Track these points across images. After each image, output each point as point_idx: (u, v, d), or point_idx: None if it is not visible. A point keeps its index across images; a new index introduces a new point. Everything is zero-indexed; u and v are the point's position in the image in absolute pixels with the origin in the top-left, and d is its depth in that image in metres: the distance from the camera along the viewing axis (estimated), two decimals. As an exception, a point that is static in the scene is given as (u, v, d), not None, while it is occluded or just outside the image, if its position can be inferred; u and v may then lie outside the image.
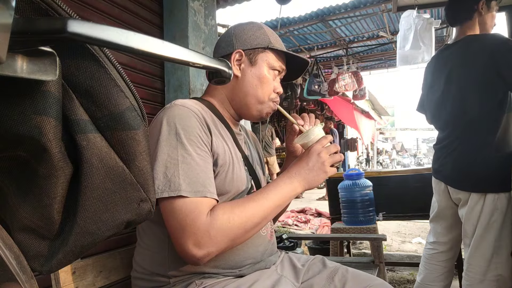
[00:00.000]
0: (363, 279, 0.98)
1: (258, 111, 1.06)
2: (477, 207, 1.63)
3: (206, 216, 0.81)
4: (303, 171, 0.92)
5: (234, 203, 0.87)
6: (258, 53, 1.04)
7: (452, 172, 1.73)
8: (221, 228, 0.81)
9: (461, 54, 1.71)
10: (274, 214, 0.91)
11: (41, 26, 0.34)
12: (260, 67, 1.04)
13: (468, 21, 1.74)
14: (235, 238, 0.84)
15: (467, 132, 1.67)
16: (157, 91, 2.36)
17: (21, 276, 0.39)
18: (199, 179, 0.84)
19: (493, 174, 1.61)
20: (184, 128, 0.87)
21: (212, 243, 0.81)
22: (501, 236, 1.61)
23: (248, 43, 1.04)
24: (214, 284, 0.89)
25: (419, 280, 1.97)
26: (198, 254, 0.80)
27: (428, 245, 1.98)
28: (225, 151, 0.94)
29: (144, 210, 0.50)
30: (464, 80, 1.68)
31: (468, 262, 1.69)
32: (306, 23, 5.42)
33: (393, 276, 3.24)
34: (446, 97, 1.75)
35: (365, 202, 2.76)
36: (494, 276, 1.61)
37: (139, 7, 2.24)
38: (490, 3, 1.72)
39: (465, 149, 1.66)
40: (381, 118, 17.04)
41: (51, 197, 0.44)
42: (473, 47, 1.67)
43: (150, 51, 0.40)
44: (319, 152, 0.93)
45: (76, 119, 0.44)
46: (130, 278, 0.99)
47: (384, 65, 8.15)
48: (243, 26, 1.08)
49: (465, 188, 1.68)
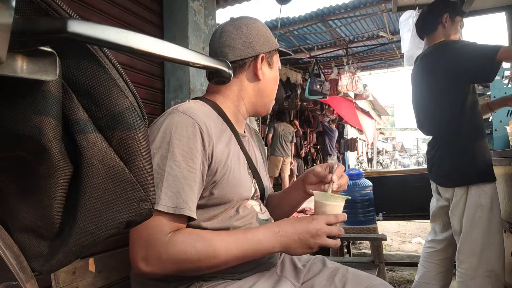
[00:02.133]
0: (363, 279, 0.97)
1: (267, 109, 1.11)
2: (461, 203, 1.70)
3: (166, 236, 0.79)
4: (291, 238, 0.85)
5: (201, 236, 0.83)
6: (273, 55, 1.07)
7: (438, 171, 1.84)
8: (173, 256, 0.79)
9: (427, 62, 1.88)
10: (237, 263, 0.86)
11: (41, 26, 0.34)
12: (275, 69, 1.08)
13: (433, 33, 1.88)
14: (186, 270, 0.82)
15: (444, 132, 1.80)
16: (157, 91, 2.36)
17: (21, 276, 0.39)
18: (182, 194, 0.81)
19: (473, 166, 1.70)
20: (179, 138, 0.84)
21: (160, 266, 0.79)
22: (489, 232, 1.64)
23: (267, 46, 1.04)
24: (214, 286, 0.88)
25: (417, 278, 2.01)
26: (143, 269, 0.79)
27: (426, 244, 2.04)
28: (227, 156, 0.92)
29: (144, 210, 0.50)
30: (431, 86, 1.84)
31: (459, 259, 1.73)
32: (306, 23, 5.43)
33: (393, 276, 3.24)
34: (424, 104, 1.92)
35: (365, 202, 2.76)
36: (486, 272, 1.64)
37: (139, 7, 2.24)
38: (455, 18, 1.85)
39: (445, 149, 1.78)
40: (381, 118, 17.05)
41: (51, 197, 0.44)
42: (435, 55, 1.82)
43: (150, 51, 0.40)
44: (318, 232, 0.85)
45: (76, 119, 0.44)
46: (130, 278, 0.99)
47: (384, 65, 8.15)
48: (255, 26, 1.04)
49: (448, 185, 1.78)
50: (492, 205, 1.65)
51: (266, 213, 1.04)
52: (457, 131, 1.74)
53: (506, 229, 2.00)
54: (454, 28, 1.86)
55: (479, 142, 1.73)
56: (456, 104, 1.73)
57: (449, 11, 1.84)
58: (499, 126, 2.42)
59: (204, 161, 0.87)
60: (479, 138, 1.74)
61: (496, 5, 2.55)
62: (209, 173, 0.88)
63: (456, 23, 1.86)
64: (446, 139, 1.78)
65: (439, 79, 1.79)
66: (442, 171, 1.80)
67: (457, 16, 1.86)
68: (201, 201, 0.89)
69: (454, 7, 1.89)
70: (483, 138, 1.76)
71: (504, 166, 1.95)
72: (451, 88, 1.74)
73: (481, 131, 1.76)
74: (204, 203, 0.89)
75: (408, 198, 2.92)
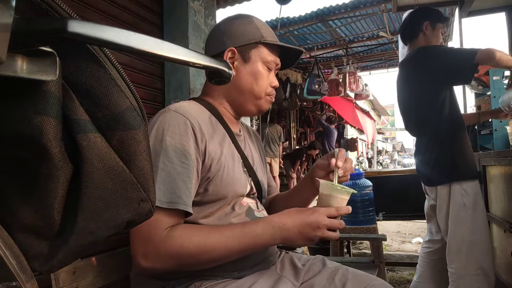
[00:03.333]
0: (363, 279, 0.97)
1: (256, 106, 1.04)
2: (445, 203, 1.74)
3: (163, 231, 0.80)
4: (291, 231, 0.85)
5: (198, 230, 0.84)
6: (251, 49, 1.01)
7: (423, 171, 1.89)
8: (171, 250, 0.80)
9: (408, 66, 1.95)
10: (237, 257, 0.86)
11: (41, 26, 0.34)
12: (254, 63, 1.01)
13: (415, 39, 1.95)
14: (185, 264, 0.82)
15: (426, 132, 1.85)
16: (157, 91, 2.36)
17: (21, 276, 0.39)
18: (175, 189, 0.82)
19: (453, 164, 1.74)
20: (171, 135, 0.85)
21: (159, 261, 0.80)
22: (474, 231, 1.67)
23: (240, 40, 1.01)
24: (213, 285, 0.88)
25: (416, 278, 2.03)
26: (144, 265, 0.80)
27: (423, 244, 2.07)
28: (221, 154, 0.93)
29: (144, 210, 0.50)
30: (413, 88, 1.90)
31: (448, 258, 1.76)
32: (306, 23, 5.43)
33: (393, 276, 3.24)
34: (406, 108, 1.99)
35: (365, 202, 2.76)
36: (474, 270, 1.66)
37: (139, 7, 2.24)
38: (436, 25, 1.91)
39: (428, 148, 1.83)
40: (381, 118, 17.05)
41: (51, 197, 0.44)
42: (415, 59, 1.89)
43: (150, 51, 0.40)
44: (319, 225, 0.84)
45: (76, 119, 0.44)
46: (130, 278, 0.99)
47: (384, 65, 8.15)
48: (233, 21, 1.04)
49: (432, 184, 1.83)
50: (475, 204, 1.68)
51: (263, 211, 1.04)
52: (437, 131, 1.78)
53: (506, 229, 2.00)
54: (435, 36, 1.91)
55: (459, 141, 1.77)
56: (435, 104, 1.77)
57: (429, 20, 1.89)
58: (499, 126, 2.42)
59: (198, 157, 0.88)
60: (459, 136, 1.78)
61: (496, 5, 2.55)
62: (203, 170, 0.89)
63: (437, 30, 1.91)
64: (428, 140, 1.83)
65: (420, 81, 1.84)
66: (426, 170, 1.85)
67: (438, 24, 1.90)
68: (196, 198, 0.90)
69: (435, 15, 1.93)
70: (463, 136, 1.79)
71: (504, 166, 1.95)
72: (431, 88, 1.79)
73: (461, 129, 1.80)
74: (199, 199, 0.90)
75: (408, 198, 2.92)
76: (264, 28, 1.03)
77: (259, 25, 1.03)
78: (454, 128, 1.78)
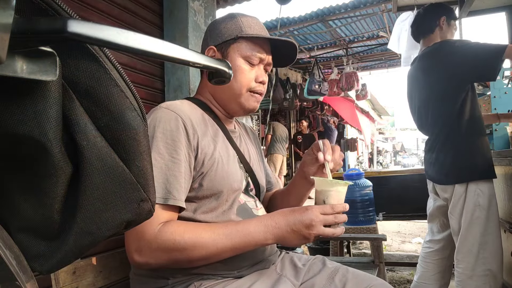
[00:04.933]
0: (363, 279, 0.97)
1: (239, 104, 1.02)
2: (460, 203, 1.71)
3: (156, 227, 0.81)
4: (284, 230, 0.84)
5: (191, 227, 0.84)
6: (229, 45, 1.00)
7: (437, 170, 1.84)
8: (163, 245, 0.81)
9: (425, 62, 1.89)
10: (229, 255, 0.85)
11: (41, 26, 0.34)
12: (232, 60, 0.99)
13: (430, 35, 1.91)
14: (176, 260, 0.82)
15: (444, 131, 1.80)
16: (157, 91, 2.36)
17: (21, 276, 0.39)
18: (166, 184, 0.83)
19: (472, 163, 1.71)
20: (162, 131, 0.86)
21: (152, 256, 0.81)
22: (486, 231, 1.65)
23: (219, 38, 1.01)
24: (213, 285, 0.89)
25: (416, 279, 2.02)
26: (138, 260, 0.82)
27: (424, 244, 2.06)
28: (214, 149, 0.93)
29: (144, 210, 0.50)
30: (430, 86, 1.84)
31: (457, 258, 1.74)
32: (306, 23, 5.42)
33: (393, 276, 3.24)
34: (422, 105, 1.92)
35: (365, 202, 2.76)
36: (482, 271, 1.65)
37: (139, 7, 2.24)
38: (450, 21, 1.90)
39: (445, 148, 1.78)
40: (381, 118, 17.05)
41: (51, 197, 0.44)
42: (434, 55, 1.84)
43: (150, 51, 0.40)
44: (311, 222, 0.82)
45: (76, 119, 0.44)
46: (130, 278, 0.99)
47: (384, 65, 8.15)
48: (217, 20, 1.06)
49: (448, 182, 1.78)
50: (490, 205, 1.66)
51: (261, 209, 1.04)
52: (458, 130, 1.74)
53: (506, 229, 2.00)
54: (450, 31, 1.89)
55: (479, 140, 1.74)
56: (456, 102, 1.73)
57: (446, 14, 1.88)
58: (499, 126, 2.42)
59: (190, 152, 0.88)
60: (479, 136, 1.75)
61: (496, 5, 2.55)
62: (196, 165, 0.90)
63: (451, 27, 1.90)
64: (446, 138, 1.78)
65: (439, 78, 1.79)
66: (442, 169, 1.80)
67: (452, 20, 1.90)
68: (192, 193, 0.90)
69: (450, 11, 1.92)
70: (483, 136, 1.76)
71: (504, 166, 1.95)
72: (452, 86, 1.75)
73: (481, 129, 1.77)
74: (194, 195, 0.90)
75: (408, 198, 2.92)
76: (246, 23, 1.01)
77: (242, 21, 1.01)
78: (474, 126, 1.74)
